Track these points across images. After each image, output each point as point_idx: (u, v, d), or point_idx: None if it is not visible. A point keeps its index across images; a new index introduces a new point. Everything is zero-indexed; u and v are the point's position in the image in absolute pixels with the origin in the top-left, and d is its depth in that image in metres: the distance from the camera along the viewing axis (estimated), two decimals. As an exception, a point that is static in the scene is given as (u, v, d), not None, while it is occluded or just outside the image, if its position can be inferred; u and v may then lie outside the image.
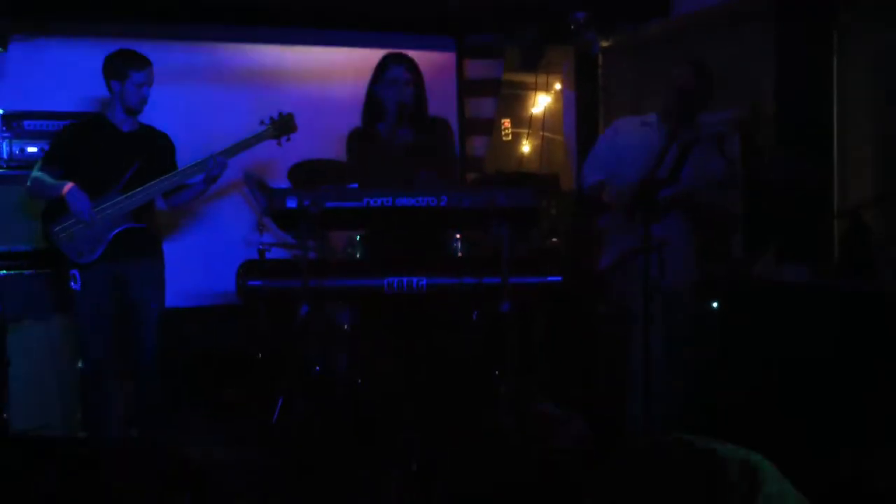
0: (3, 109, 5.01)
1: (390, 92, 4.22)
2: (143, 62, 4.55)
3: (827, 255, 5.10)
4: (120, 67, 4.53)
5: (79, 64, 5.18)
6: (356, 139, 4.34)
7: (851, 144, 5.20)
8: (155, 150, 4.67)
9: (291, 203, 3.63)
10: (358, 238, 4.88)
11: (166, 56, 5.66)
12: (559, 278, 3.82)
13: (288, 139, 4.86)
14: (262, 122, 4.80)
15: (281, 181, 5.47)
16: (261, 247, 5.25)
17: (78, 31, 5.48)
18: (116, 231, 4.49)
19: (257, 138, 4.76)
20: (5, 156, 4.99)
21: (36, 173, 4.52)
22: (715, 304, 4.59)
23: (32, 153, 4.90)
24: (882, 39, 5.11)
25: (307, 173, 5.20)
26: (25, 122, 5.04)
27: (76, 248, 4.47)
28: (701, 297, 4.49)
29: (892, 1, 4.95)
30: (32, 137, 4.99)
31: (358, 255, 4.37)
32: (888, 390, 4.40)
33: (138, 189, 4.51)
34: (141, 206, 4.54)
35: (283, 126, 4.81)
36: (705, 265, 4.52)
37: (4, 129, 4.99)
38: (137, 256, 4.61)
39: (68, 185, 4.39)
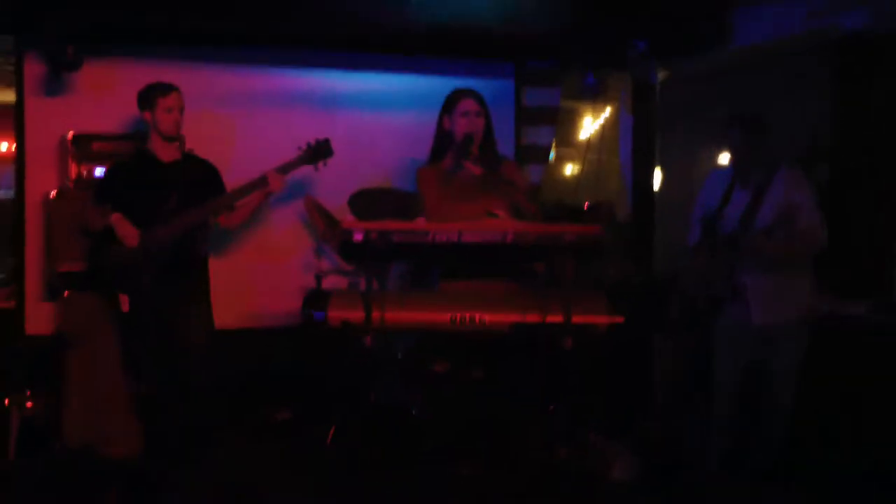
0: (73, 131, 5.10)
1: (462, 123, 4.24)
2: (167, 87, 4.67)
3: (888, 292, 5.07)
4: (147, 97, 4.67)
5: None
6: (425, 174, 4.36)
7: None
8: (198, 177, 4.76)
9: (358, 236, 3.66)
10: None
11: (224, 80, 5.80)
12: (622, 319, 3.82)
13: (325, 164, 4.90)
14: (299, 148, 4.85)
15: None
16: (319, 272, 5.28)
17: (145, 52, 5.55)
18: (164, 256, 4.57)
19: (294, 164, 4.82)
20: (74, 176, 5.07)
21: (84, 209, 4.71)
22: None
23: (101, 175, 4.96)
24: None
25: (368, 202, 5.22)
26: (94, 144, 5.12)
27: (125, 273, 4.56)
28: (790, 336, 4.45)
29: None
30: (100, 159, 5.07)
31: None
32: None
33: (184, 214, 4.60)
34: (187, 231, 4.62)
35: (319, 151, 4.86)
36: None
37: (74, 150, 5.07)
38: (184, 278, 4.70)
39: (115, 215, 4.54)
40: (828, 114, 5.27)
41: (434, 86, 5.21)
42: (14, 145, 5.46)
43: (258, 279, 5.78)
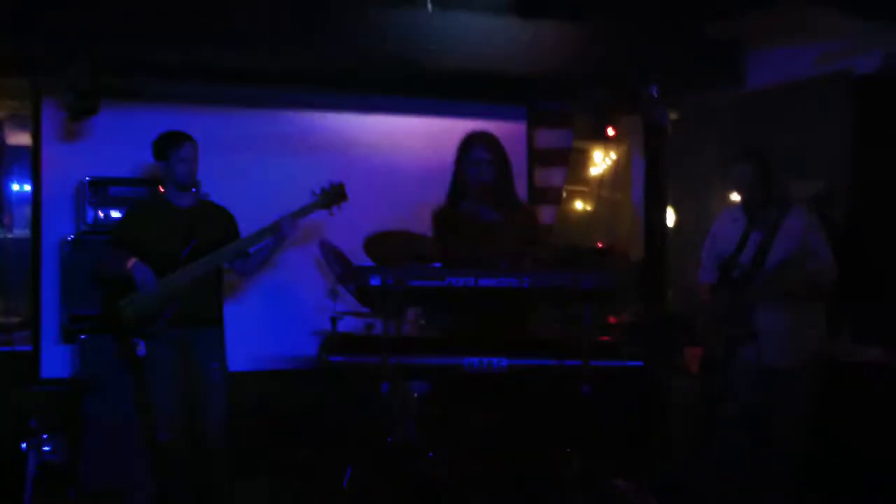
0: (89, 176, 5.14)
1: (473, 172, 4.27)
2: (181, 139, 4.68)
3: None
4: (162, 148, 4.69)
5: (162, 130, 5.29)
6: (441, 217, 4.39)
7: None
8: (214, 223, 4.79)
9: (375, 280, 3.66)
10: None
11: (239, 124, 5.86)
12: (640, 363, 3.81)
13: (339, 208, 4.92)
14: (313, 193, 4.87)
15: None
16: (333, 314, 5.28)
17: (162, 96, 5.60)
18: (179, 301, 4.58)
19: (308, 209, 4.85)
20: (90, 220, 5.11)
21: (100, 254, 4.72)
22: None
23: (116, 219, 5.00)
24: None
25: (384, 245, 5.21)
26: (110, 188, 5.16)
27: (141, 319, 4.57)
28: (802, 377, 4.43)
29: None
30: (117, 203, 5.12)
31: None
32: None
33: (200, 260, 4.61)
34: (202, 276, 4.64)
35: (333, 196, 4.88)
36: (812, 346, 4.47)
37: (90, 194, 5.11)
38: (200, 323, 4.71)
39: (132, 261, 4.53)
40: (843, 154, 5.28)
41: (448, 128, 5.24)
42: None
43: (273, 322, 5.79)
